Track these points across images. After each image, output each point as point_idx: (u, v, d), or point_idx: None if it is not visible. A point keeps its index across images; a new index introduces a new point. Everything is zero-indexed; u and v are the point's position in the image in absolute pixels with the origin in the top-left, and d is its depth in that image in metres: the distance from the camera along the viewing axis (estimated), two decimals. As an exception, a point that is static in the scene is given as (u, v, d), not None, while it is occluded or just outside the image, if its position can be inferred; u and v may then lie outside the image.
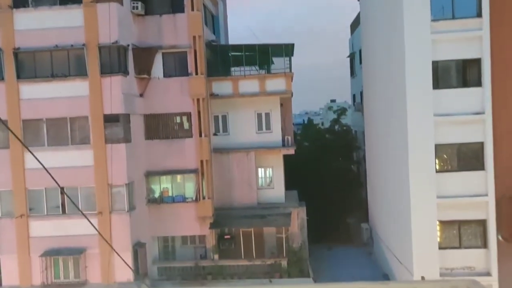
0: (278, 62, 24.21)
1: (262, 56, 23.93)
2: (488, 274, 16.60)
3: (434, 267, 17.03)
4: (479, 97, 17.02)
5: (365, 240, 26.29)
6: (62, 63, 20.02)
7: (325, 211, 28.11)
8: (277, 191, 23.92)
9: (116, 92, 19.77)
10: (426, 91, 17.10)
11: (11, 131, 19.04)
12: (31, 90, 19.98)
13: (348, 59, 37.93)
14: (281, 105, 24.13)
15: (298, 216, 23.39)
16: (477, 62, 17.13)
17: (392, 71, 19.68)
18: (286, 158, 24.37)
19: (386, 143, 21.83)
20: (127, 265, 16.98)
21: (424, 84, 17.10)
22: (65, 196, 19.96)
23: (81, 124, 20.11)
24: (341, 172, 31.75)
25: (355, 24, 33.75)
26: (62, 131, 20.05)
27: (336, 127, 37.94)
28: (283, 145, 23.74)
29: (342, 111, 38.77)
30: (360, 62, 30.68)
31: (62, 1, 19.96)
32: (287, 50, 23.59)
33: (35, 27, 19.78)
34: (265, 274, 21.61)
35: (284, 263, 21.93)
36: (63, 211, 20.18)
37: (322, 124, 54.51)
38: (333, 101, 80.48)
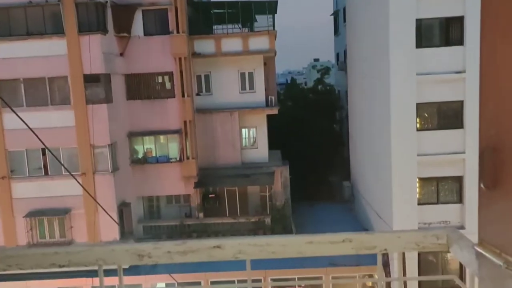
0: (261, 20, 23.81)
1: (245, 13, 23.45)
2: (462, 227, 17.38)
3: (413, 222, 17.71)
4: (460, 56, 17.17)
5: (346, 197, 26.99)
6: (38, 20, 19.31)
7: (308, 170, 28.59)
8: (261, 151, 24.14)
9: (95, 51, 19.27)
10: (409, 50, 17.15)
11: (-12, 92, 18.56)
12: (6, 49, 19.30)
13: (332, 17, 37.43)
14: (265, 64, 23.92)
15: (282, 175, 23.78)
16: (460, 20, 17.15)
17: (376, 30, 19.59)
18: (270, 118, 24.44)
19: (369, 102, 22.03)
20: (114, 221, 17.20)
21: (407, 43, 17.12)
22: (47, 157, 19.81)
23: (61, 84, 19.68)
24: (324, 131, 32.07)
25: (340, -19, 33.07)
26: (41, 91, 19.61)
27: (320, 86, 37.94)
28: (267, 105, 23.74)
29: (325, 70, 38.65)
30: (344, 21, 30.35)
31: (34, -46, 19.01)
32: (270, 7, 23.16)
33: (7, -18, 18.91)
34: (249, 231, 22.15)
35: (267, 220, 22.47)
36: (46, 172, 20.08)
37: (306, 83, 54.44)
38: (316, 60, 79.98)
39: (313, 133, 30.80)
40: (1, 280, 17.48)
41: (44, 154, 19.90)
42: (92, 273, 16.83)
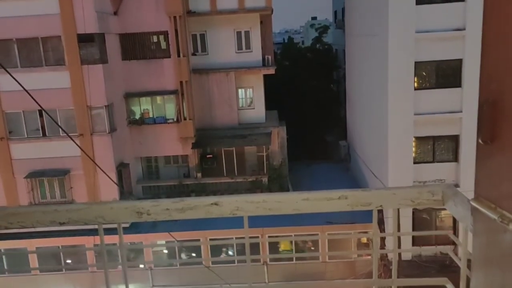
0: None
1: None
2: (457, 185, 17.67)
3: (408, 180, 17.96)
4: (461, 13, 16.83)
5: (342, 157, 27.22)
6: (27, -23, 18.69)
7: (304, 130, 28.66)
8: (258, 111, 24.09)
9: (88, 10, 18.78)
10: (408, 6, 16.79)
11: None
12: (-4, 8, 18.80)
13: (331, -27, 36.32)
14: (261, 23, 23.45)
15: (278, 135, 23.86)
16: (461, -24, 16.69)
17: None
18: (267, 78, 24.23)
19: (366, 61, 21.79)
20: (113, 182, 17.39)
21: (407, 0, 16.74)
22: (44, 119, 19.74)
23: (54, 45, 19.31)
24: (321, 91, 31.90)
25: None
26: (35, 52, 19.26)
27: (317, 45, 37.35)
28: (263, 65, 23.47)
29: (323, 29, 37.94)
30: (343, -24, 29.48)
31: None
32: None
33: None
34: (247, 191, 22.45)
35: (265, 179, 22.76)
36: (44, 134, 20.07)
37: (303, 42, 53.54)
38: (314, 18, 78.29)
39: (310, 93, 30.66)
40: (4, 239, 17.83)
41: (41, 115, 19.80)
42: (93, 232, 17.20)
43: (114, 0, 20.77)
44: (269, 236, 17.75)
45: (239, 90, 23.82)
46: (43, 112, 19.67)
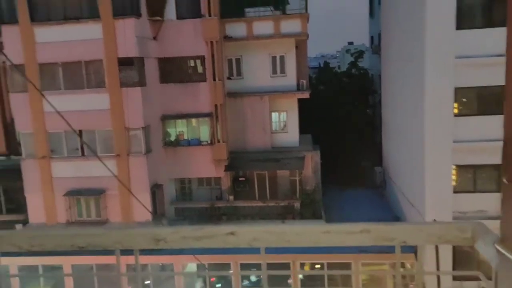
0: (294, 3, 23.41)
1: (277, -5, 23.12)
2: (499, 217, 16.77)
3: (447, 211, 17.26)
4: (503, 38, 16.30)
5: (378, 183, 26.58)
6: (75, 5, 19.72)
7: (339, 155, 28.27)
8: (291, 135, 24.03)
9: (129, 35, 19.55)
10: (447, 31, 16.46)
11: (26, 77, 19.22)
12: (45, 33, 19.86)
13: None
14: (296, 47, 23.61)
15: (312, 160, 23.63)
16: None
17: (412, 11, 18.90)
18: (301, 102, 24.22)
19: (403, 86, 21.42)
20: (143, 205, 17.65)
21: (446, 24, 16.42)
22: (84, 139, 20.43)
23: (96, 68, 20.12)
24: (356, 115, 31.52)
25: (376, -40, 31.99)
26: (78, 74, 20.13)
27: (353, 70, 37.15)
28: (298, 89, 23.51)
29: (359, 53, 37.75)
30: (379, 3, 29.43)
31: None
32: (303, -11, 22.70)
33: (45, -33, 19.32)
34: (279, 215, 22.23)
35: (297, 204, 22.47)
36: (82, 153, 20.71)
37: (339, 67, 53.41)
38: (350, 43, 78.18)
39: (345, 117, 30.34)
40: (25, 255, 18.07)
41: (81, 135, 20.51)
42: (129, 251, 17.31)
43: (154, 26, 21.53)
44: (298, 266, 17.36)
45: (273, 114, 23.90)
46: (83, 132, 20.42)
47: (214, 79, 21.76)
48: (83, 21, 19.70)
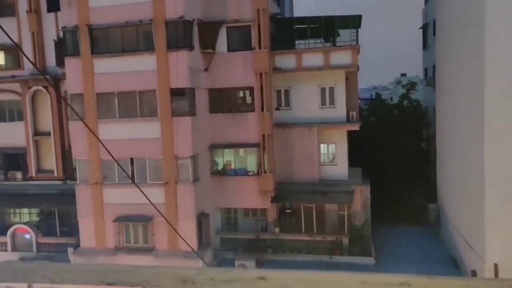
0: (344, 35, 23.38)
1: (327, 28, 23.21)
2: None
3: (510, 254, 15.94)
4: None
5: (432, 221, 25.21)
6: (132, 38, 20.75)
7: (390, 190, 27.24)
8: (340, 168, 23.49)
9: (182, 67, 20.22)
10: (508, 63, 15.65)
11: (70, 106, 20.22)
12: (103, 65, 20.98)
13: (421, 30, 35.72)
14: (346, 79, 23.39)
15: (362, 194, 22.90)
16: None
17: (469, 43, 18.21)
18: (351, 134, 23.76)
19: (459, 119, 20.47)
20: (182, 238, 17.65)
21: (505, 54, 15.64)
22: (135, 166, 21.03)
23: (149, 98, 20.87)
24: (409, 149, 30.44)
25: (430, -8, 31.49)
26: (132, 104, 20.95)
27: (405, 102, 36.23)
28: (348, 121, 23.13)
29: (411, 85, 36.87)
30: (434, 34, 28.76)
31: (131, -22, 20.49)
32: (354, 21, 22.66)
33: (107, 4, 20.57)
34: (326, 251, 21.54)
35: (345, 240, 21.70)
36: (133, 180, 21.22)
37: (391, 99, 52.40)
38: (403, 75, 76.78)
39: (398, 151, 29.37)
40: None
41: (132, 163, 21.14)
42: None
43: (205, 58, 22.17)
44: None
45: (322, 145, 23.57)
46: (134, 160, 21.04)
47: (263, 110, 21.89)
48: (139, 53, 20.64)
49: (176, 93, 20.44)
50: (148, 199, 7.40)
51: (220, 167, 22.99)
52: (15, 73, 25.01)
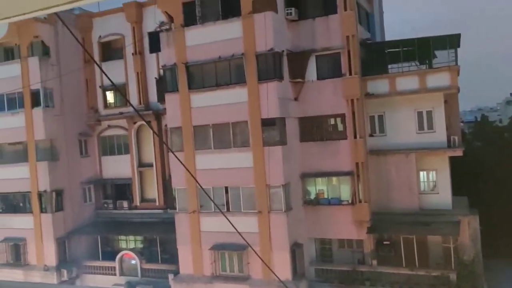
0: (442, 56, 22.11)
1: (422, 50, 22.18)
2: None
3: None
4: None
5: (558, 258, 22.05)
6: (224, 72, 21.72)
7: (502, 221, 24.48)
8: (443, 197, 21.77)
9: (272, 97, 20.59)
10: None
11: (162, 141, 21.35)
12: (199, 99, 22.15)
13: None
14: (445, 101, 21.91)
15: (469, 225, 20.91)
16: None
17: None
18: (453, 160, 22.01)
19: None
20: (271, 270, 17.39)
21: None
22: (229, 195, 21.57)
23: (241, 128, 21.48)
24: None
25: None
26: (225, 135, 21.71)
27: (517, 124, 32.82)
28: (449, 146, 21.52)
29: (524, 105, 33.39)
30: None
31: (224, 16, 21.69)
32: (451, 41, 21.38)
33: (202, 42, 21.87)
34: (430, 286, 19.84)
35: (452, 276, 19.81)
36: (228, 209, 21.72)
37: (500, 121, 47.96)
38: (514, 94, 70.14)
39: (510, 178, 26.46)
40: None
41: (226, 192, 21.72)
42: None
43: (295, 87, 22.36)
44: None
45: (421, 173, 22.14)
46: (228, 188, 21.61)
47: (355, 137, 21.30)
48: (231, 86, 21.48)
49: (267, 123, 20.79)
50: (235, 228, 7.46)
51: (312, 196, 22.62)
52: (122, 110, 27.51)
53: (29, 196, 27.01)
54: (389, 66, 23.13)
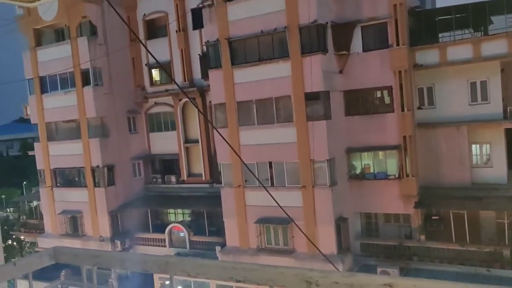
0: (498, 21, 20.79)
1: (476, 16, 20.93)
2: None
3: None
4: None
5: None
6: (267, 47, 21.53)
7: None
8: (497, 170, 20.85)
9: (316, 71, 20.26)
10: None
11: (205, 117, 21.58)
12: (242, 75, 22.17)
13: None
14: (502, 70, 20.71)
15: (525, 200, 19.96)
16: None
17: None
18: (510, 132, 20.94)
19: None
20: (312, 243, 17.43)
21: None
22: (273, 170, 21.71)
23: (285, 103, 21.36)
24: None
25: None
26: (268, 110, 21.70)
27: None
28: (505, 117, 20.44)
29: None
30: None
31: (266, -12, 21.33)
32: (510, 5, 19.99)
33: (244, 16, 21.71)
34: (482, 262, 19.32)
35: (506, 252, 19.16)
36: (272, 184, 21.90)
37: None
38: None
39: None
40: None
41: (270, 167, 21.86)
42: None
43: (340, 60, 21.85)
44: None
45: (473, 146, 21.25)
46: (272, 163, 21.74)
47: (403, 110, 20.67)
48: (274, 61, 21.29)
49: (311, 97, 20.55)
50: (277, 203, 7.57)
51: (358, 171, 22.34)
52: (168, 87, 28.05)
53: (83, 171, 28.41)
54: (440, 35, 22.03)
